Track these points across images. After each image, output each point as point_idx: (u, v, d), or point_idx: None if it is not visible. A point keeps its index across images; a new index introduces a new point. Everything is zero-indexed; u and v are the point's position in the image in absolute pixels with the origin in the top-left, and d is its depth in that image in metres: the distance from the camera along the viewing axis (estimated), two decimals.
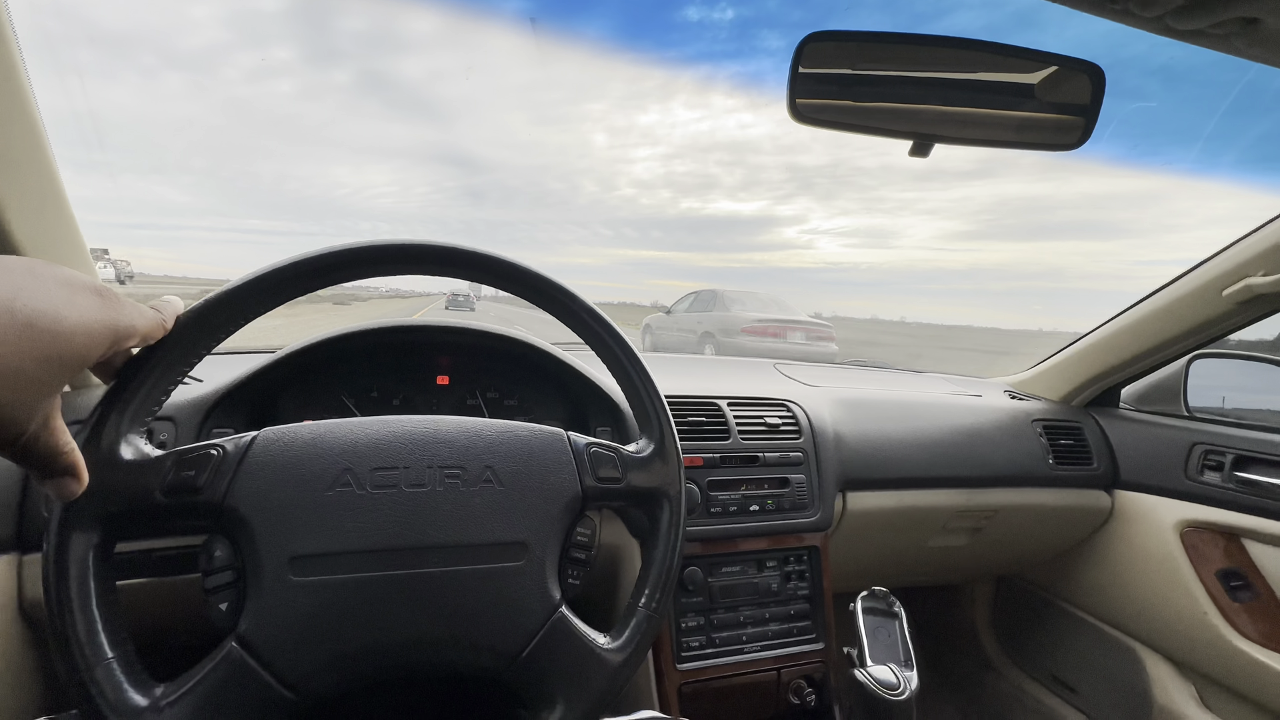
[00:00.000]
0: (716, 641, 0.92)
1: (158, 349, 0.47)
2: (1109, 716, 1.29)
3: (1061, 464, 1.23)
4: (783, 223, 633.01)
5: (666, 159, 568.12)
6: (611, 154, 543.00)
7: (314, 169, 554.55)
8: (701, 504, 0.93)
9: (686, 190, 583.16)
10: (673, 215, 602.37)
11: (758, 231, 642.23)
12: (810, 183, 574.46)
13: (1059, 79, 0.62)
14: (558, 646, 0.52)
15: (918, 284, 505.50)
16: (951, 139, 0.62)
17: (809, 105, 0.62)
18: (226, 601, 0.47)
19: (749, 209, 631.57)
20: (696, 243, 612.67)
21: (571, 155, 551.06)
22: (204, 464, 0.47)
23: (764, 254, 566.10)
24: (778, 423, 1.03)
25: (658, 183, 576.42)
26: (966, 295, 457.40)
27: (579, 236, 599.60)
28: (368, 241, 0.55)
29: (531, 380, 0.98)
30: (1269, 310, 1.02)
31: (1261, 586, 1.06)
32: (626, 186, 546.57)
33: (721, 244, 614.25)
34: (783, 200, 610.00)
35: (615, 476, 0.58)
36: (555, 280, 0.62)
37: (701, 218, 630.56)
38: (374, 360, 0.93)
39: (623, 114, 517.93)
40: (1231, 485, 1.09)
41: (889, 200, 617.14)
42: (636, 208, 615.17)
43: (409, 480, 0.51)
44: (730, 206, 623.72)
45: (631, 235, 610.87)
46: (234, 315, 0.51)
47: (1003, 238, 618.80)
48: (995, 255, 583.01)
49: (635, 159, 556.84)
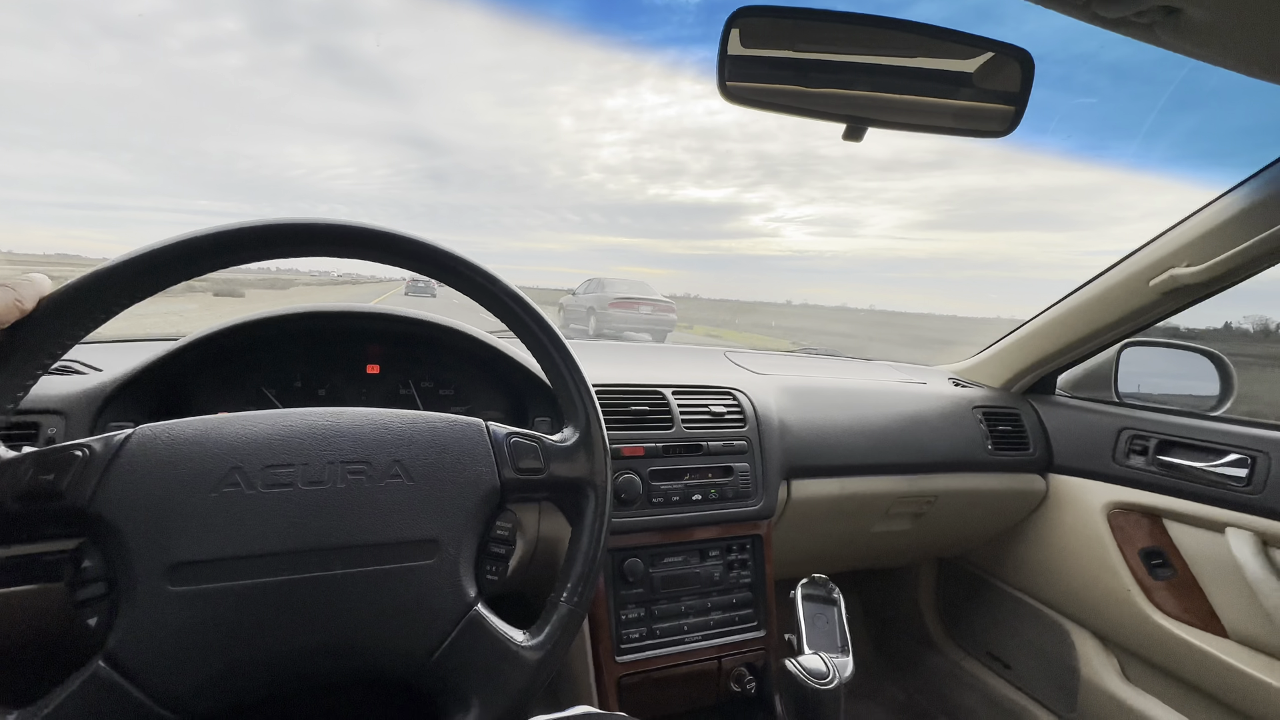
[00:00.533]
0: (657, 632, 0.91)
1: (15, 333, 0.42)
2: (1039, 690, 1.34)
3: (1000, 449, 1.27)
4: (749, 210, 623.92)
5: (634, 144, 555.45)
6: (578, 138, 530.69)
7: (267, 148, 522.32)
8: (643, 494, 0.92)
9: (654, 176, 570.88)
10: (640, 201, 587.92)
11: (725, 219, 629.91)
12: (776, 171, 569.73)
13: (991, 66, 0.62)
14: (472, 646, 0.49)
15: (880, 272, 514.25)
16: (884, 123, 0.61)
17: (740, 85, 0.59)
18: (97, 616, 0.43)
19: (716, 196, 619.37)
20: (664, 229, 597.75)
21: (537, 139, 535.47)
22: (67, 466, 0.43)
23: (731, 241, 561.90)
24: (722, 411, 1.02)
25: (625, 168, 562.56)
26: (927, 284, 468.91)
27: (546, 222, 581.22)
28: (261, 220, 0.50)
29: (468, 369, 0.95)
30: (1192, 300, 1.06)
31: (1179, 565, 1.11)
32: (594, 171, 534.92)
33: (689, 231, 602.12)
34: (749, 188, 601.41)
35: (537, 467, 0.56)
36: (473, 261, 0.59)
37: (669, 204, 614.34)
38: (298, 348, 0.87)
39: (589, 97, 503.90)
40: (1155, 468, 1.13)
41: (853, 189, 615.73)
42: (604, 193, 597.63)
43: (306, 478, 0.48)
44: (698, 193, 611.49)
45: (599, 221, 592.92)
46: (109, 299, 0.46)
47: (961, 227, 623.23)
48: (954, 245, 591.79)
49: (602, 144, 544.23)
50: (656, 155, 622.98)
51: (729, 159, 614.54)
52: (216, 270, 0.51)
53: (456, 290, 0.60)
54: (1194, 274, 0.97)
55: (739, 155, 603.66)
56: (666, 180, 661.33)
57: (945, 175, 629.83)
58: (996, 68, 0.61)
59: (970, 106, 0.61)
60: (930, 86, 0.61)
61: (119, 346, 0.91)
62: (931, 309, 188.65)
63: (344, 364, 0.90)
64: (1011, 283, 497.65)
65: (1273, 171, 0.87)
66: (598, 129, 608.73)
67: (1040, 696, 1.34)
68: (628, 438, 0.93)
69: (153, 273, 0.47)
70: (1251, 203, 0.89)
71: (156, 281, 0.48)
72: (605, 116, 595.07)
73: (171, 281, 0.49)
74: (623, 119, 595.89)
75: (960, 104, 0.62)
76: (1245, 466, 1.01)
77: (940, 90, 0.61)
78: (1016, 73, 0.60)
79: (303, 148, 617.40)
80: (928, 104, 0.62)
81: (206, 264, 0.49)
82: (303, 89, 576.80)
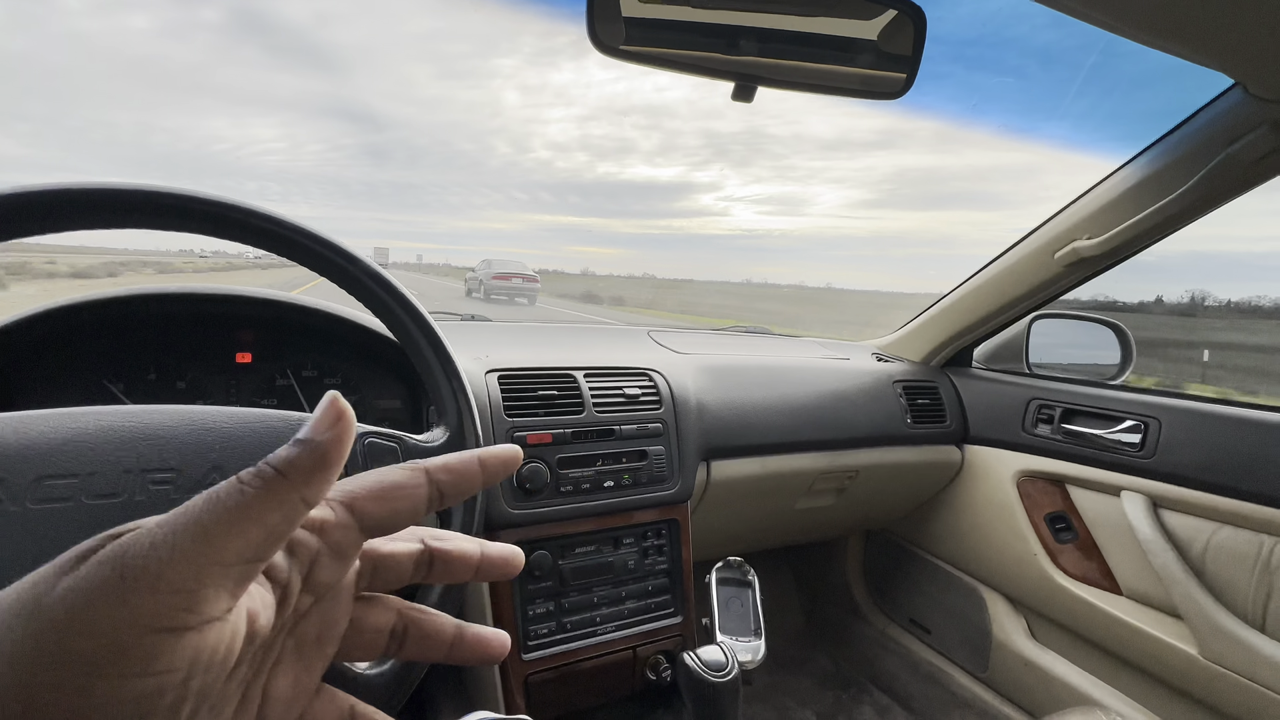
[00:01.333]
0: (568, 626, 0.88)
1: None
2: (956, 652, 1.39)
3: (919, 423, 1.28)
4: (700, 189, 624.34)
5: (582, 121, 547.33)
6: (525, 114, 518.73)
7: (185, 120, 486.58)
8: (551, 483, 0.87)
9: (604, 154, 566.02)
10: (590, 180, 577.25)
11: (676, 197, 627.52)
12: (725, 149, 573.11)
13: (884, 23, 0.58)
14: None
15: (827, 250, 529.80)
16: (774, 82, 0.57)
17: (615, 35, 0.54)
18: None
19: (666, 175, 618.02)
20: (615, 208, 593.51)
21: (482, 114, 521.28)
22: None
23: (682, 220, 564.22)
24: (637, 393, 0.98)
25: (573, 145, 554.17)
26: (870, 261, 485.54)
27: (493, 200, 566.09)
28: (80, 181, 0.42)
29: (357, 357, 0.87)
30: (1094, 271, 1.08)
31: (1080, 528, 1.15)
32: (541, 149, 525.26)
33: (640, 210, 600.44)
34: (699, 166, 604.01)
35: None
36: (327, 237, 0.52)
37: (619, 182, 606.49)
38: (152, 334, 0.78)
39: (535, 71, 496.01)
40: (1059, 436, 1.17)
41: (799, 169, 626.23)
42: (552, 171, 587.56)
43: (93, 490, 0.40)
44: (648, 172, 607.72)
45: (548, 200, 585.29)
46: None
47: (902, 206, 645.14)
48: (895, 223, 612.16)
49: (550, 120, 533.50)
50: (605, 132, 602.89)
51: (678, 137, 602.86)
52: (60, 231, 0.42)
53: (312, 271, 0.53)
54: (1094, 246, 0.99)
55: (688, 133, 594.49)
56: (616, 158, 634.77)
57: (887, 155, 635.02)
58: (889, 26, 0.58)
59: (862, 65, 0.58)
60: (821, 43, 0.57)
61: None
62: (880, 286, 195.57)
63: (208, 352, 0.80)
64: (949, 259, 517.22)
65: (1163, 145, 0.89)
66: (545, 104, 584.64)
67: (957, 658, 1.39)
68: (535, 424, 0.88)
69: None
70: (1145, 175, 0.91)
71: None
72: (552, 91, 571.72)
73: None
74: (570, 94, 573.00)
75: (854, 63, 0.58)
76: (1139, 432, 1.05)
77: (831, 47, 0.57)
78: (909, 30, 0.57)
79: (226, 120, 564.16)
80: (819, 62, 0.58)
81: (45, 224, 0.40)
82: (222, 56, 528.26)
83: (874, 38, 0.58)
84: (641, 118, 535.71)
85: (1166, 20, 0.58)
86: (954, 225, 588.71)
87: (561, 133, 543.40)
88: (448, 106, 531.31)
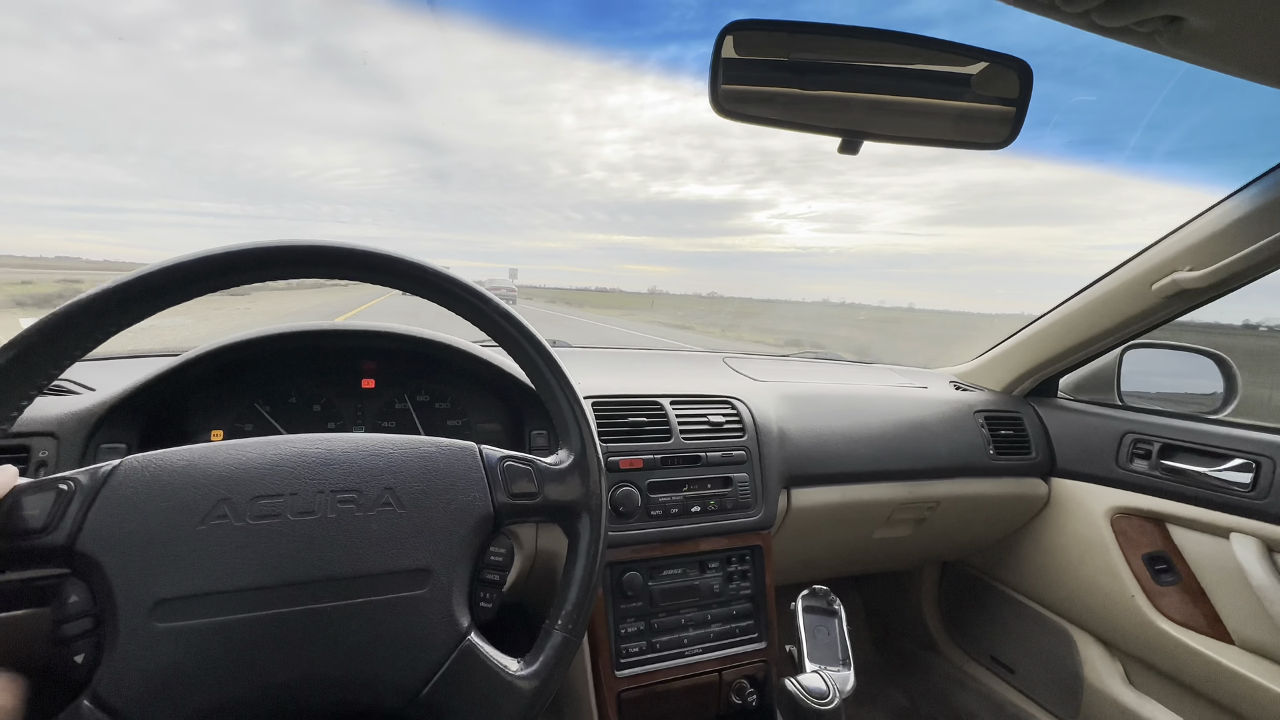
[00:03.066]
0: (657, 646, 0.91)
1: (17, 354, 0.42)
2: (1043, 695, 1.33)
3: (1001, 454, 1.26)
4: (752, 207, 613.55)
5: (635, 142, 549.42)
6: (579, 136, 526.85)
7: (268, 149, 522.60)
8: (641, 507, 0.91)
9: (656, 174, 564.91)
10: (643, 199, 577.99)
11: (728, 216, 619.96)
12: (779, 167, 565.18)
13: (988, 76, 0.61)
14: (464, 677, 0.49)
15: (885, 268, 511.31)
16: (880, 136, 0.60)
17: (733, 96, 0.58)
18: (83, 653, 0.42)
19: (719, 193, 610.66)
20: (667, 227, 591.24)
21: (539, 137, 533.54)
22: (51, 501, 0.42)
23: (735, 238, 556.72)
24: (721, 421, 1.01)
25: (627, 166, 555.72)
26: (932, 279, 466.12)
27: (549, 220, 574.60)
28: (254, 243, 0.50)
29: (464, 383, 0.94)
30: (1194, 304, 1.05)
31: (1183, 570, 1.10)
32: (595, 169, 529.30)
33: (692, 229, 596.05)
34: (752, 185, 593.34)
35: (531, 491, 0.55)
36: (465, 281, 0.58)
37: (672, 202, 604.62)
38: (291, 364, 0.87)
39: (590, 95, 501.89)
40: (1158, 473, 1.12)
41: (856, 185, 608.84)
42: (606, 191, 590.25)
43: (296, 508, 0.47)
44: (700, 190, 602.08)
45: (602, 219, 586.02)
46: (98, 326, 0.46)
47: (966, 223, 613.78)
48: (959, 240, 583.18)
49: (604, 141, 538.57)
50: (658, 152, 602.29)
51: (731, 155, 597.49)
52: (210, 293, 0.51)
53: (448, 310, 0.60)
54: (1197, 278, 0.96)
55: (741, 152, 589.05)
56: (669, 178, 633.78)
57: (949, 170, 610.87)
58: (994, 77, 0.60)
59: (968, 118, 0.60)
60: (926, 98, 0.60)
61: (113, 364, 0.90)
62: (948, 306, 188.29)
63: (339, 379, 0.89)
64: (1017, 277, 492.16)
65: (1273, 176, 0.86)
66: (599, 126, 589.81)
67: (1044, 701, 1.33)
68: (626, 450, 0.92)
69: (142, 299, 0.47)
70: (1255, 207, 0.88)
71: (143, 308, 0.47)
72: (606, 114, 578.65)
73: (160, 306, 0.48)
74: (624, 116, 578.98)
75: (958, 114, 0.61)
76: (1250, 471, 1.00)
77: (937, 102, 0.60)
78: (1014, 82, 0.59)
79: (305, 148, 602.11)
80: (924, 116, 0.61)
81: (198, 288, 0.49)
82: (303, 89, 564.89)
83: (977, 91, 0.60)
84: (694, 137, 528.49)
85: None
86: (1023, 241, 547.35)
87: (615, 153, 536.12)
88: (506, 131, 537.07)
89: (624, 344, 1.84)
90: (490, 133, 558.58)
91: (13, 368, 0.42)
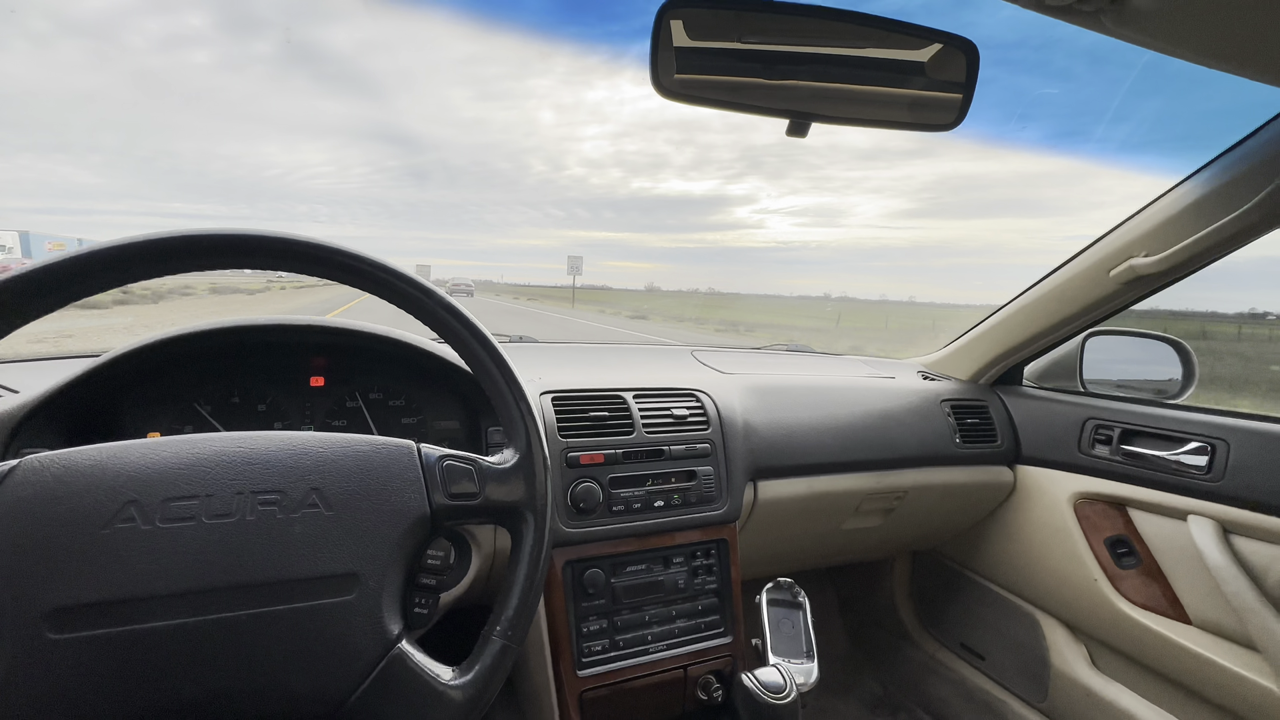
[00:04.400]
0: (620, 644, 0.89)
1: None
2: (1013, 681, 1.35)
3: (968, 442, 1.26)
4: (734, 202, 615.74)
5: (616, 137, 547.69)
6: (559, 132, 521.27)
7: (241, 147, 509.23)
8: (603, 502, 0.89)
9: (637, 170, 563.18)
10: (624, 195, 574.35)
11: (710, 211, 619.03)
12: (759, 162, 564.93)
13: (937, 57, 0.60)
14: (393, 686, 0.46)
15: (865, 261, 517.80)
16: (828, 118, 0.59)
17: (676, 80, 0.57)
18: None
19: (700, 189, 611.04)
20: (649, 223, 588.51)
21: (518, 133, 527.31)
22: None
23: (717, 234, 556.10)
24: (685, 414, 1.00)
25: (608, 162, 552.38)
26: (911, 272, 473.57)
27: (529, 218, 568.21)
28: (194, 229, 0.47)
29: (419, 380, 0.91)
30: (1151, 289, 1.06)
31: (1144, 553, 1.11)
32: (576, 166, 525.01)
33: (674, 224, 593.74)
34: (733, 180, 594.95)
35: (471, 492, 0.53)
36: (405, 272, 0.56)
37: (653, 198, 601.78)
38: (235, 362, 0.83)
39: (569, 90, 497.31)
40: (1119, 458, 1.14)
41: (836, 179, 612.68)
42: (587, 188, 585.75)
43: (211, 510, 0.44)
44: (682, 186, 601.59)
45: (584, 216, 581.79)
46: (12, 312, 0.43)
47: (943, 215, 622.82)
48: (937, 233, 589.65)
49: (584, 137, 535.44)
50: (639, 148, 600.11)
51: (711, 150, 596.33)
52: (139, 280, 0.48)
53: (389, 304, 0.57)
54: (1152, 263, 0.97)
55: (721, 147, 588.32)
56: (650, 173, 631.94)
57: (927, 163, 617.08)
58: (943, 59, 0.59)
59: (916, 99, 0.59)
60: (874, 79, 0.59)
61: (37, 366, 0.86)
62: (919, 298, 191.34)
63: (285, 377, 0.86)
64: (993, 269, 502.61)
65: (1225, 160, 0.87)
66: (579, 122, 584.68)
67: (1013, 687, 1.35)
68: (587, 444, 0.91)
69: (42, 291, 0.44)
70: (1206, 191, 0.89)
71: (51, 300, 0.44)
72: (586, 110, 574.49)
73: (68, 299, 0.45)
74: (604, 112, 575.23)
75: (906, 96, 0.60)
76: (1206, 454, 1.01)
77: (885, 83, 0.59)
78: (962, 63, 0.58)
79: (278, 146, 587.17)
80: (872, 97, 0.59)
81: (118, 276, 0.46)
82: (274, 86, 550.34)
83: (925, 72, 0.59)
84: (674, 133, 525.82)
85: (1227, 44, 0.58)
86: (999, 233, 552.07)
87: (595, 149, 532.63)
88: (485, 127, 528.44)
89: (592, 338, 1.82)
90: (468, 129, 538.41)
91: None
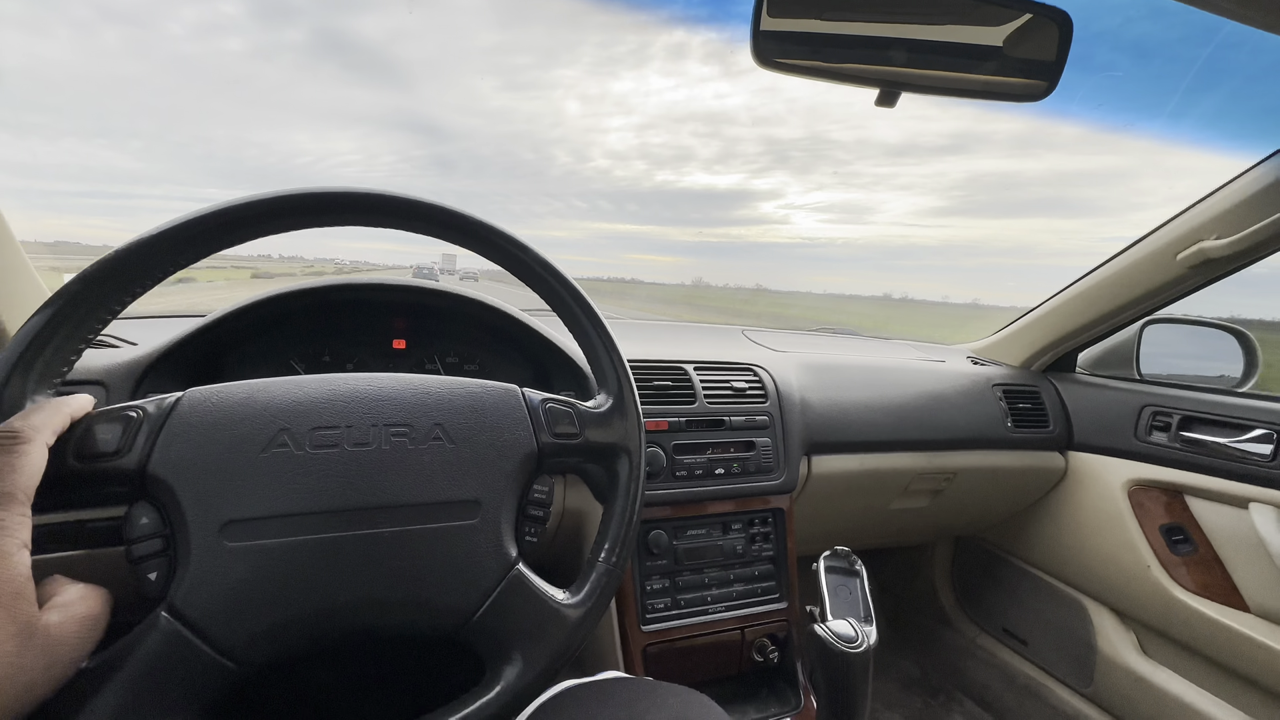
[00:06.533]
0: (681, 603, 0.93)
1: (64, 306, 0.43)
2: (1056, 666, 1.35)
3: (1019, 427, 1.26)
4: (759, 197, 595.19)
5: (640, 129, 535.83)
6: (584, 123, 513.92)
7: (272, 135, 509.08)
8: (667, 468, 0.92)
9: (661, 162, 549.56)
10: (648, 188, 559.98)
11: (734, 205, 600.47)
12: (786, 156, 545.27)
13: (1028, 28, 0.61)
14: (514, 604, 0.50)
15: (892, 260, 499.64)
16: (919, 87, 0.60)
17: (773, 50, 0.59)
18: (156, 571, 0.44)
19: (725, 182, 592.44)
20: (673, 216, 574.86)
21: (543, 124, 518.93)
22: (123, 426, 0.44)
23: (741, 229, 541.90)
24: (744, 387, 1.03)
25: (632, 154, 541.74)
26: (940, 271, 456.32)
27: (553, 209, 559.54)
28: (294, 189, 0.51)
29: (493, 344, 0.95)
30: (1219, 274, 1.05)
31: (1200, 540, 1.11)
32: (600, 158, 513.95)
33: (698, 218, 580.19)
34: (758, 174, 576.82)
35: (573, 432, 0.57)
36: (504, 229, 0.59)
37: (677, 191, 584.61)
38: (325, 322, 0.88)
39: (595, 81, 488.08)
40: (1177, 445, 1.13)
41: (864, 175, 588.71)
42: (611, 180, 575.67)
43: (352, 439, 0.49)
44: (706, 179, 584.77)
45: (607, 208, 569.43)
46: (151, 267, 0.47)
47: (975, 214, 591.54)
48: (968, 232, 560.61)
49: (609, 129, 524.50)
50: (664, 140, 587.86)
51: (737, 144, 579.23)
52: (252, 239, 0.52)
53: (487, 259, 0.61)
54: (1223, 246, 0.96)
55: (747, 140, 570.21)
56: (674, 166, 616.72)
57: (959, 160, 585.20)
58: (1033, 29, 0.60)
59: (1006, 70, 0.61)
60: (965, 51, 0.60)
61: (152, 323, 0.92)
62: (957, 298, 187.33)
63: (370, 339, 0.91)
64: (1027, 270, 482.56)
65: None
66: (604, 114, 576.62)
67: (1056, 672, 1.35)
68: (652, 412, 0.94)
69: (192, 242, 0.48)
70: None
71: (196, 250, 0.49)
72: (611, 101, 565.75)
73: (209, 250, 0.50)
74: (629, 103, 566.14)
75: (996, 68, 0.61)
76: (1270, 442, 1.01)
77: (975, 54, 0.60)
78: (1054, 34, 0.59)
79: (308, 134, 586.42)
80: (963, 68, 0.61)
81: (242, 233, 0.50)
82: (306, 74, 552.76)
83: (1016, 42, 0.61)
84: (700, 125, 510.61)
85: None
86: (1033, 233, 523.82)
87: (620, 141, 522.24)
88: (510, 117, 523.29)
89: None
90: (494, 119, 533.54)
91: (63, 319, 0.44)
